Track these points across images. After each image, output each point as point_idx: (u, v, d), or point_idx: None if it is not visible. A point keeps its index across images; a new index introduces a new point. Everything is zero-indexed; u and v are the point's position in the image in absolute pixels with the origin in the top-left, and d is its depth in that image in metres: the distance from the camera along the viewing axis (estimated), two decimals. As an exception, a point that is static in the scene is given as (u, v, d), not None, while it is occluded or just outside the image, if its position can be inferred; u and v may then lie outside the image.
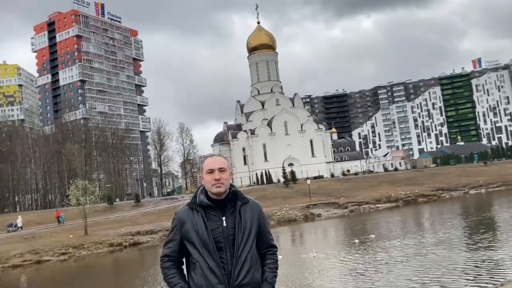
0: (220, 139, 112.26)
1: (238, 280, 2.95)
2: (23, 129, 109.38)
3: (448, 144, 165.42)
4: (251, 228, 3.06)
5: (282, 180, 74.96)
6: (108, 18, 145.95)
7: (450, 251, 19.48)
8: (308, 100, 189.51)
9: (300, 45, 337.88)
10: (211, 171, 3.08)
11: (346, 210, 52.28)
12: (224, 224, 3.03)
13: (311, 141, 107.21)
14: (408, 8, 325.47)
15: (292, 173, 75.61)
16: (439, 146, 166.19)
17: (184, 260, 3.21)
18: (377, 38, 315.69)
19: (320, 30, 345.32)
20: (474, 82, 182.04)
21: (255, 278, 3.02)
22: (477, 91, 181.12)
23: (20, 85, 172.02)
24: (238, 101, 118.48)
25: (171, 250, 3.15)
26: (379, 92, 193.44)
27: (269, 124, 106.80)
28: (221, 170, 3.09)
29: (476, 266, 15.85)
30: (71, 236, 37.82)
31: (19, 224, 45.17)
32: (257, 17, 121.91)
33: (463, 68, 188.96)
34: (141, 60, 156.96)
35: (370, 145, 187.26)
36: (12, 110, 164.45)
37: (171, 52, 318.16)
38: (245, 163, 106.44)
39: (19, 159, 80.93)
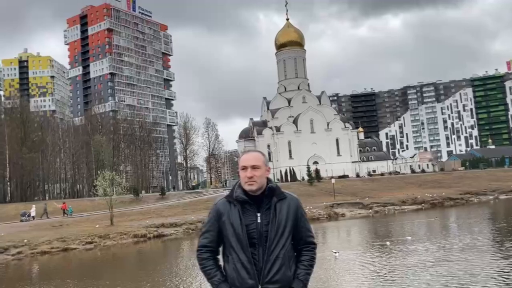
0: (246, 135, 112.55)
1: (268, 277, 2.95)
2: (54, 120, 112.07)
3: (479, 147, 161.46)
4: (285, 225, 3.02)
5: (306, 178, 74.59)
6: (139, 12, 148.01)
7: (484, 256, 18.96)
8: (335, 98, 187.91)
9: (326, 43, 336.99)
10: (245, 168, 3.07)
11: (370, 210, 51.64)
12: (259, 220, 3.01)
13: (337, 140, 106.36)
14: (436, 8, 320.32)
15: (317, 171, 75.16)
16: (468, 149, 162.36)
17: (220, 249, 3.23)
18: (406, 37, 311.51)
19: (346, 28, 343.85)
20: (508, 84, 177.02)
21: (286, 275, 2.99)
22: (510, 94, 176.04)
23: (52, 77, 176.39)
24: (265, 98, 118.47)
25: (209, 240, 3.14)
26: (408, 92, 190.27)
27: (295, 122, 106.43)
28: (254, 167, 3.05)
29: None
30: (97, 226, 38.57)
31: (32, 214, 45.76)
32: (286, 14, 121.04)
33: (496, 69, 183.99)
34: (170, 55, 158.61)
35: (398, 146, 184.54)
36: (44, 100, 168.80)
37: (197, 47, 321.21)
38: (269, 159, 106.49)
39: (50, 148, 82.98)
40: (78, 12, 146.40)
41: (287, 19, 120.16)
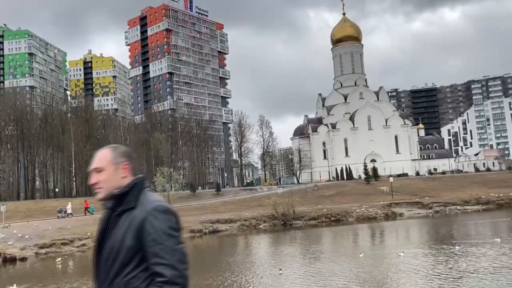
0: (300, 132, 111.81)
1: None
2: (116, 118, 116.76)
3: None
4: (119, 247, 2.23)
5: (363, 176, 72.95)
6: (196, 12, 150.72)
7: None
8: (394, 94, 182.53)
9: (379, 38, 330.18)
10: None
11: (430, 210, 49.68)
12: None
13: (396, 137, 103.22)
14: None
15: (374, 169, 73.26)
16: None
17: None
18: (466, 30, 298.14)
19: (400, 23, 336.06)
20: None
21: None
22: None
23: (114, 77, 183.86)
24: (320, 94, 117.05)
25: None
26: (472, 86, 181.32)
27: (352, 118, 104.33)
28: (97, 170, 2.34)
29: None
30: (156, 220, 39.59)
31: (69, 211, 46.26)
32: (343, 9, 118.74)
33: None
34: (225, 53, 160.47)
35: (461, 143, 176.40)
36: (107, 100, 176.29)
37: (249, 46, 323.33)
38: (324, 157, 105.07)
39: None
40: (138, 13, 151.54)
41: (344, 14, 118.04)
